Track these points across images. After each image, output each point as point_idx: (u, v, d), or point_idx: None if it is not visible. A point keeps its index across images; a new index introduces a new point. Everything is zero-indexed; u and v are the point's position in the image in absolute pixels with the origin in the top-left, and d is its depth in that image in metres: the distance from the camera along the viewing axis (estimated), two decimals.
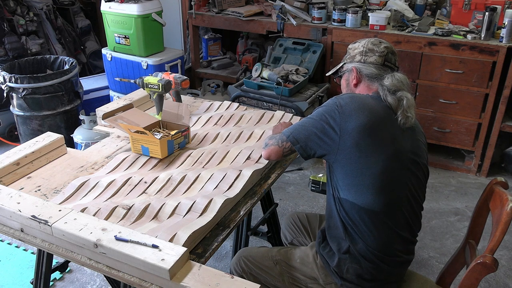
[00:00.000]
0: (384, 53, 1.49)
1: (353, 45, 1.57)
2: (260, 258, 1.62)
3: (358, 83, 1.52)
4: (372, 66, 1.49)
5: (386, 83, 1.43)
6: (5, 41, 3.62)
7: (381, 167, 1.35)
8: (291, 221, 1.89)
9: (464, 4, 3.10)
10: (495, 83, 2.94)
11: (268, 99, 3.10)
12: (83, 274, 2.34)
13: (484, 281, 2.29)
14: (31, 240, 1.34)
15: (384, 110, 1.40)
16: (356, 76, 1.51)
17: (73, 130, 3.11)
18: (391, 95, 1.41)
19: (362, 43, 1.53)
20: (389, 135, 1.38)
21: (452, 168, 3.35)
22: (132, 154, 1.74)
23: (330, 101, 1.42)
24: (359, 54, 1.52)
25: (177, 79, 1.98)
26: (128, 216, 1.39)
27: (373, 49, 1.50)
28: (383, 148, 1.36)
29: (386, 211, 1.38)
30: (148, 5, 3.44)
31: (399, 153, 1.39)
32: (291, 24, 3.42)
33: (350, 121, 1.34)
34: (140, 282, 1.18)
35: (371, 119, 1.35)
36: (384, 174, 1.35)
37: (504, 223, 1.25)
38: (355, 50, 1.53)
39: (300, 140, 1.41)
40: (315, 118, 1.41)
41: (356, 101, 1.38)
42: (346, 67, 1.56)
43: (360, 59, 1.51)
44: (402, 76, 1.46)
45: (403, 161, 1.40)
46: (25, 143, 1.72)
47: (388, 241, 1.41)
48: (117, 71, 3.70)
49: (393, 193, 1.39)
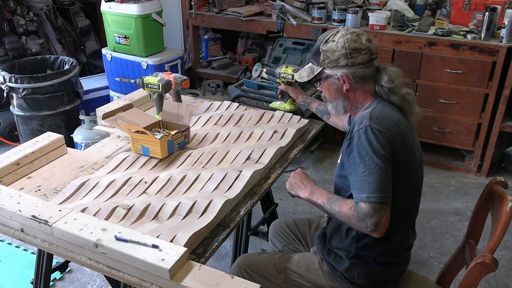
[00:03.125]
0: (369, 48, 1.39)
1: (327, 45, 1.40)
2: (262, 266, 1.57)
3: (351, 89, 1.42)
4: (362, 67, 1.38)
5: (384, 83, 1.38)
6: (5, 41, 3.62)
7: (413, 171, 1.36)
8: (279, 229, 1.83)
9: (464, 4, 3.10)
10: (495, 83, 2.94)
11: (268, 99, 3.10)
12: (83, 274, 2.34)
13: (484, 281, 2.29)
14: (31, 240, 1.34)
15: (399, 114, 1.38)
16: (348, 82, 1.40)
17: (73, 130, 3.11)
18: (393, 95, 1.38)
19: (340, 43, 1.37)
20: (412, 140, 1.38)
21: (452, 168, 3.35)
22: (132, 154, 1.74)
23: (371, 136, 1.28)
24: (343, 57, 1.38)
25: (177, 79, 1.98)
26: (128, 216, 1.39)
27: (357, 47, 1.37)
28: (414, 155, 1.37)
29: (412, 212, 1.42)
30: (148, 5, 3.44)
31: (419, 153, 1.41)
32: (291, 24, 3.42)
33: (396, 143, 1.31)
34: (140, 282, 1.18)
35: (403, 133, 1.33)
36: (415, 176, 1.38)
37: (503, 222, 1.25)
38: (335, 53, 1.38)
39: (387, 191, 1.27)
40: (380, 164, 1.26)
41: (389, 123, 1.31)
42: (329, 73, 1.42)
43: (346, 63, 1.38)
44: (393, 68, 1.40)
45: (420, 160, 1.41)
46: (25, 143, 1.72)
47: (405, 242, 1.43)
48: (117, 71, 3.70)
49: (418, 193, 1.42)
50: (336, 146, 3.62)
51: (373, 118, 1.30)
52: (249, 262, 1.59)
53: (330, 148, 3.62)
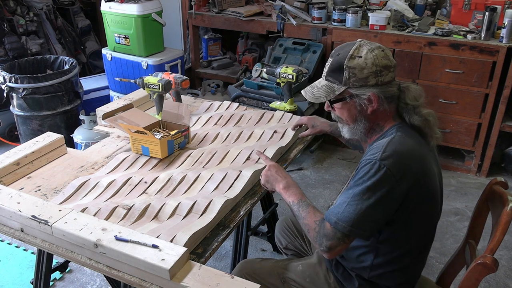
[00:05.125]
0: (395, 65, 1.29)
1: (354, 62, 1.26)
2: (265, 275, 1.52)
3: (376, 110, 1.29)
4: (390, 86, 1.27)
5: (409, 101, 1.28)
6: (5, 41, 3.62)
7: (432, 200, 1.32)
8: (284, 225, 1.81)
9: (464, 4, 3.10)
10: (495, 83, 2.94)
11: (268, 99, 3.10)
12: (83, 274, 2.34)
13: (484, 281, 2.29)
14: (31, 240, 1.34)
15: (419, 144, 1.28)
16: (376, 102, 1.27)
17: (73, 130, 3.10)
18: (416, 115, 1.28)
19: (369, 59, 1.25)
20: (433, 169, 1.30)
21: (452, 168, 3.35)
22: (132, 154, 1.74)
23: (376, 171, 1.19)
24: (373, 76, 1.25)
25: (177, 79, 1.99)
26: (128, 216, 1.39)
27: (387, 64, 1.26)
28: (435, 184, 1.31)
29: (429, 241, 1.40)
30: (148, 5, 3.44)
31: (439, 179, 1.35)
32: (291, 24, 3.42)
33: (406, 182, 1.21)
34: (140, 282, 1.18)
35: (423, 165, 1.25)
36: (435, 205, 1.34)
37: (504, 223, 1.25)
38: (364, 70, 1.25)
39: (360, 227, 1.20)
40: (369, 201, 1.18)
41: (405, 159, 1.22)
42: (355, 92, 1.28)
43: (376, 82, 1.25)
44: (416, 87, 1.32)
45: (441, 188, 1.36)
46: (25, 143, 1.72)
47: (420, 269, 1.42)
48: (117, 71, 3.70)
49: (436, 222, 1.39)
50: (336, 146, 3.62)
51: (387, 151, 1.21)
52: (252, 271, 1.55)
53: (330, 148, 3.62)
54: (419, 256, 1.39)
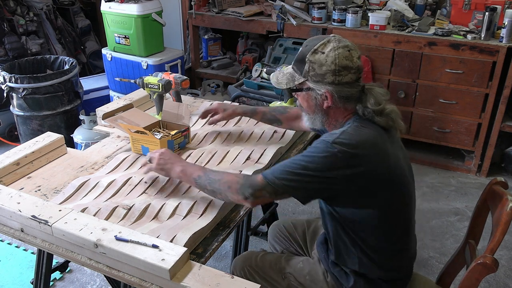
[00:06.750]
0: (359, 67, 1.27)
1: (315, 56, 1.26)
2: (267, 269, 1.53)
3: (332, 107, 1.31)
4: (348, 87, 1.27)
5: (370, 105, 1.27)
6: (5, 41, 3.62)
7: (400, 184, 1.31)
8: (277, 232, 1.79)
9: (464, 4, 3.10)
10: (495, 83, 2.94)
11: (268, 99, 3.10)
12: (83, 274, 2.34)
13: (484, 281, 2.29)
14: (31, 240, 1.34)
15: (375, 132, 1.28)
16: (331, 101, 1.28)
17: (73, 130, 3.10)
18: (378, 116, 1.28)
19: (330, 57, 1.24)
20: (396, 156, 1.30)
21: (452, 168, 3.35)
22: (132, 154, 1.74)
23: (326, 149, 1.21)
24: (331, 74, 1.25)
25: (177, 79, 1.98)
26: (128, 216, 1.39)
27: (347, 65, 1.24)
28: (400, 169, 1.31)
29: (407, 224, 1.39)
30: (148, 5, 3.44)
31: (407, 167, 1.36)
32: (291, 24, 3.42)
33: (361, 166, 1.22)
34: (140, 282, 1.18)
35: (381, 151, 1.26)
36: (404, 189, 1.33)
37: (504, 223, 1.25)
38: (323, 67, 1.25)
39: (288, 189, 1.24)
40: (309, 173, 1.21)
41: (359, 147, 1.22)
42: (311, 86, 1.29)
43: (333, 80, 1.25)
44: (380, 90, 1.30)
45: (410, 174, 1.37)
46: (25, 143, 1.72)
47: (407, 255, 1.41)
48: (117, 71, 3.70)
49: (410, 205, 1.38)
50: None
51: (341, 138, 1.22)
52: (254, 264, 1.56)
53: None
54: (401, 243, 1.38)
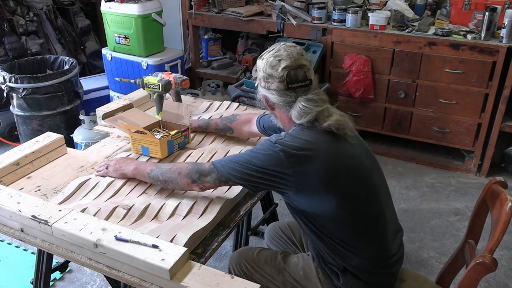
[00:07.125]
0: (283, 78, 1.30)
1: (258, 61, 1.38)
2: (263, 264, 1.55)
3: (275, 109, 1.40)
4: (276, 94, 1.33)
5: (294, 118, 1.31)
6: (5, 41, 3.62)
7: (358, 178, 1.32)
8: (274, 234, 1.80)
9: (464, 4, 3.10)
10: (495, 83, 2.94)
11: None
12: (83, 274, 2.34)
13: (484, 281, 2.29)
14: (31, 240, 1.34)
15: (325, 133, 1.30)
16: (267, 104, 1.40)
17: (73, 130, 3.10)
18: (318, 123, 1.29)
19: (262, 64, 1.34)
20: (350, 151, 1.32)
21: (452, 168, 3.35)
22: (132, 154, 1.74)
23: (269, 148, 1.28)
24: (263, 80, 1.35)
25: (177, 79, 1.98)
26: (128, 216, 1.39)
27: (272, 74, 1.31)
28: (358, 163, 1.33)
29: (375, 216, 1.38)
30: (148, 5, 3.44)
31: (369, 161, 1.38)
32: (291, 24, 3.42)
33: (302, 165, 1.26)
34: (140, 282, 1.18)
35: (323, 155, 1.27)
36: (364, 182, 1.34)
37: (503, 223, 1.25)
38: (259, 73, 1.36)
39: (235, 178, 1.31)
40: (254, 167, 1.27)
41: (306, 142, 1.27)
42: (259, 87, 1.41)
43: (264, 85, 1.36)
44: (306, 104, 1.29)
45: (372, 167, 1.39)
46: (25, 143, 1.72)
47: (382, 242, 1.40)
48: (117, 71, 3.70)
49: (374, 198, 1.38)
50: None
51: (285, 138, 1.28)
52: (251, 258, 1.58)
53: None
54: (372, 236, 1.37)
